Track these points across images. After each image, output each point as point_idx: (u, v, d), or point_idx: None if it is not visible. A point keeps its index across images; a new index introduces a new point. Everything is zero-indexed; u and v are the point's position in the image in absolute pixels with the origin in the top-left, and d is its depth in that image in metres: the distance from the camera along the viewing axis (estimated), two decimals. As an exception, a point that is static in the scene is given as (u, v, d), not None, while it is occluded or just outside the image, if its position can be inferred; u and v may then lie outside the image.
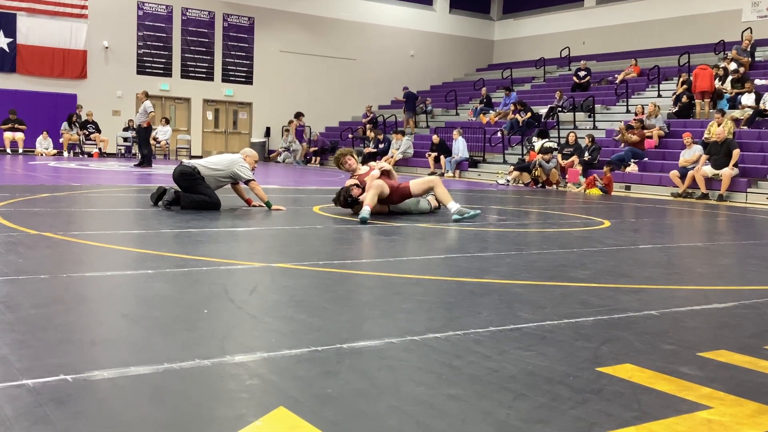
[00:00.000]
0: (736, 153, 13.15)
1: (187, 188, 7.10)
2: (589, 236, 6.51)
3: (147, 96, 16.46)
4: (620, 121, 17.11)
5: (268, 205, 7.34)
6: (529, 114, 19.29)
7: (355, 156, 7.62)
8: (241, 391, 2.08)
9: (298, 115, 24.86)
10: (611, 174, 14.28)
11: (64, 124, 21.31)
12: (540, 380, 2.28)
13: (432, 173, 18.38)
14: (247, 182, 7.23)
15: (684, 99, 16.95)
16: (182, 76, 24.27)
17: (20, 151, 20.69)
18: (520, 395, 2.13)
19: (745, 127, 15.16)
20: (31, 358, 2.28)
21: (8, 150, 20.57)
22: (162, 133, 21.96)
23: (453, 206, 7.09)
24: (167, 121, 22.51)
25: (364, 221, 6.49)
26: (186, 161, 7.41)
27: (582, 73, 21.68)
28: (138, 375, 2.17)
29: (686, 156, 13.92)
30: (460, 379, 2.26)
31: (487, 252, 5.18)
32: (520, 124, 19.16)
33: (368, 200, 6.77)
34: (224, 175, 7.24)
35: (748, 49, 18.54)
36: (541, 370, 2.37)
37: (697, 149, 13.81)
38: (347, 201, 7.27)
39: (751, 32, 19.31)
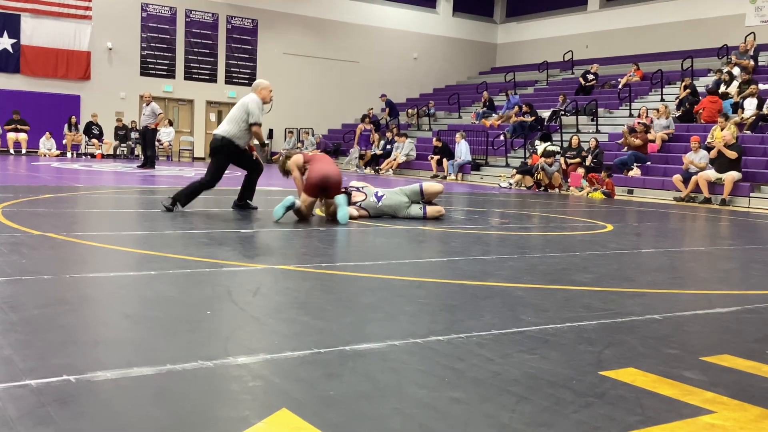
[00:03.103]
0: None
1: (234, 157, 7.35)
2: (592, 240, 6.50)
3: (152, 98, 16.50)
4: (623, 125, 17.09)
5: (263, 145, 7.65)
6: (533, 117, 19.28)
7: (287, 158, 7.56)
8: (243, 393, 2.08)
9: (366, 119, 23.35)
10: (609, 178, 14.27)
11: (66, 126, 21.36)
12: (543, 384, 2.27)
13: (434, 176, 18.39)
14: (251, 124, 7.30)
15: (687, 105, 16.92)
16: (185, 78, 24.31)
17: (23, 151, 20.72)
18: (523, 399, 2.13)
19: (748, 132, 15.14)
20: (34, 358, 2.29)
21: (11, 150, 20.60)
22: (165, 134, 21.99)
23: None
24: (170, 123, 22.53)
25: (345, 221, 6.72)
26: (216, 132, 7.44)
27: (590, 76, 21.69)
28: (141, 376, 2.17)
29: (693, 158, 13.83)
30: (462, 382, 2.26)
31: (490, 255, 5.17)
32: (528, 124, 19.14)
33: (306, 207, 6.88)
34: (242, 120, 7.28)
35: (751, 52, 18.49)
36: (544, 374, 2.37)
37: (704, 155, 13.75)
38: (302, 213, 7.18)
39: (755, 37, 19.30)
